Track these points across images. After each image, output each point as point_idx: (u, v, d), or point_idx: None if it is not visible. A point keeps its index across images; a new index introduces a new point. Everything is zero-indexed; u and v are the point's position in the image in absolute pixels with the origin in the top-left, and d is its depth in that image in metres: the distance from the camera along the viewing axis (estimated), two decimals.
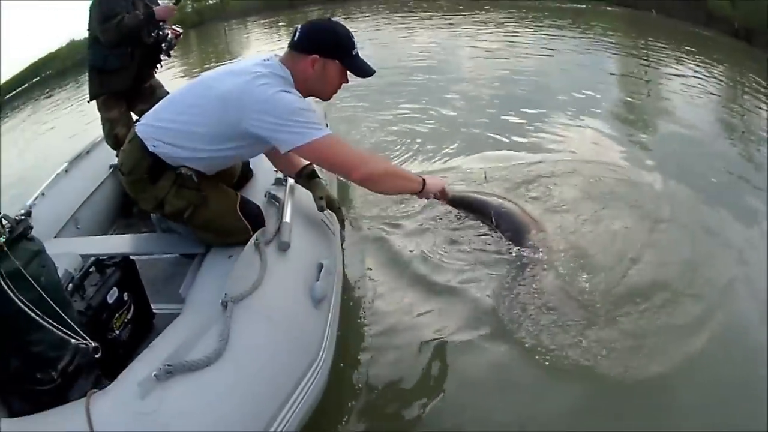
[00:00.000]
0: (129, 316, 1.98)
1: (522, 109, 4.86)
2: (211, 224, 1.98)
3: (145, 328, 2.10)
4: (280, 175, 2.39)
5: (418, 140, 4.42)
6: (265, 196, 2.26)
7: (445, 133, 4.52)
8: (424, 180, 2.05)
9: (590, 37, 7.81)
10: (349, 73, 1.98)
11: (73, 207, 2.69)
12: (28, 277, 1.39)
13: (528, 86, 5.68)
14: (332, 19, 2.05)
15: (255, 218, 2.01)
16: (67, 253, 2.04)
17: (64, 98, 10.57)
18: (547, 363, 2.05)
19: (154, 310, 2.17)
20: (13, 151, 7.31)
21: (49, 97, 11.45)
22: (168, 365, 1.36)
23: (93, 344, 1.43)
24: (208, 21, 17.96)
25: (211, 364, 1.41)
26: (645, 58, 6.49)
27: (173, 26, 3.36)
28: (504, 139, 4.23)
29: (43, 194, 2.59)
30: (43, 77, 14.64)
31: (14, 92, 13.24)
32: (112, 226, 2.97)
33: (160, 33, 3.26)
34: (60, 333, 1.45)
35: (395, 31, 9.66)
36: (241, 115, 1.72)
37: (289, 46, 1.92)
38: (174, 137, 1.82)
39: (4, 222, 1.48)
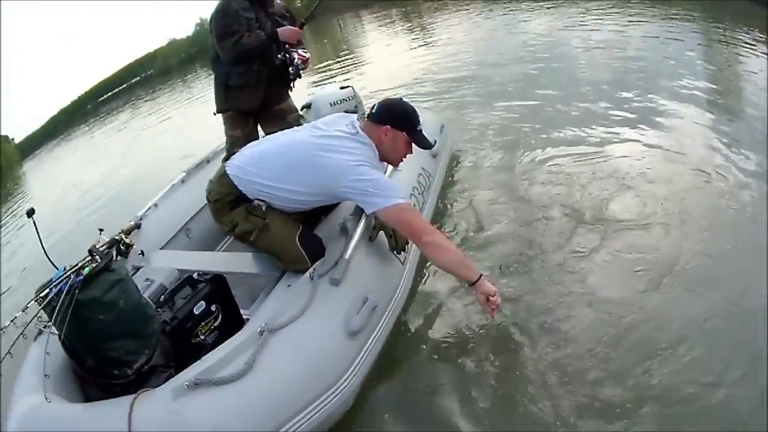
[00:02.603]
0: (216, 324, 2.38)
1: (618, 97, 5.05)
2: (272, 248, 2.46)
3: (233, 333, 2.46)
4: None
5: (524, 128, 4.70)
6: (339, 225, 2.60)
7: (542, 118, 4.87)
8: (481, 275, 2.32)
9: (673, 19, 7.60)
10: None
11: (185, 217, 3.07)
12: (106, 302, 1.90)
13: (622, 72, 5.75)
14: (403, 99, 2.54)
15: (313, 249, 2.43)
16: (165, 267, 2.58)
17: (170, 99, 11.86)
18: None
19: (245, 317, 2.51)
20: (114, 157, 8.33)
21: (154, 99, 12.70)
22: (198, 378, 1.78)
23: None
24: (320, 15, 18.47)
25: (231, 383, 1.81)
26: (724, 42, 6.23)
27: (299, 50, 3.42)
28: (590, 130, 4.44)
29: (156, 205, 3.03)
30: (143, 77, 15.90)
31: (110, 93, 14.77)
32: (226, 237, 3.28)
33: (287, 55, 3.34)
34: (133, 343, 1.96)
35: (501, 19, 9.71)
36: (339, 183, 2.25)
37: (368, 117, 2.44)
38: (272, 190, 2.36)
39: (93, 253, 2.02)
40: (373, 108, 2.48)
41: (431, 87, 6.69)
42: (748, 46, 5.87)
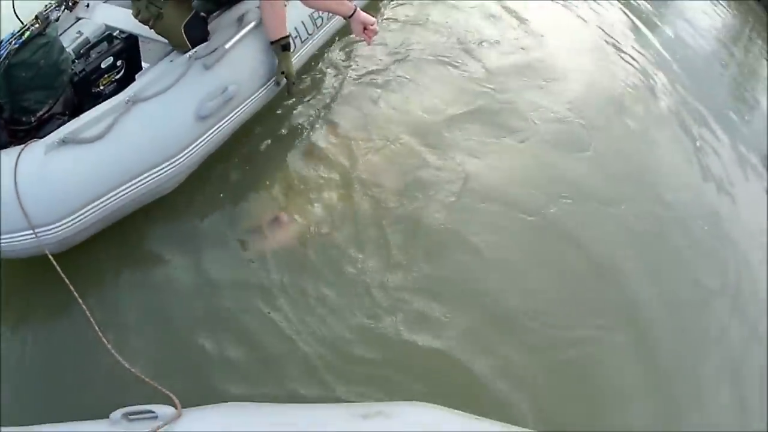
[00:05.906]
0: (117, 77, 2.86)
1: None
2: (164, 34, 2.89)
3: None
4: None
5: None
6: (239, 16, 3.01)
7: None
8: (356, 8, 2.86)
9: None
10: None
11: None
12: (30, 62, 2.40)
13: None
14: None
15: (197, 37, 2.90)
16: (95, 22, 3.14)
17: None
18: None
19: None
20: None
21: None
22: (65, 137, 2.28)
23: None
24: None
25: (89, 143, 2.34)
26: None
27: None
28: None
29: None
30: None
31: None
32: None
33: None
34: (42, 94, 2.61)
35: None
36: None
37: None
38: None
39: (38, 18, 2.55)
40: None
41: None
42: None
